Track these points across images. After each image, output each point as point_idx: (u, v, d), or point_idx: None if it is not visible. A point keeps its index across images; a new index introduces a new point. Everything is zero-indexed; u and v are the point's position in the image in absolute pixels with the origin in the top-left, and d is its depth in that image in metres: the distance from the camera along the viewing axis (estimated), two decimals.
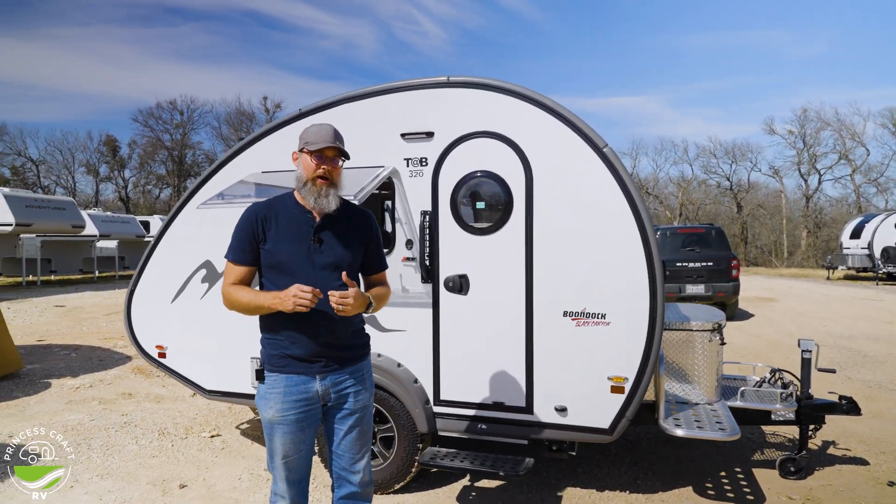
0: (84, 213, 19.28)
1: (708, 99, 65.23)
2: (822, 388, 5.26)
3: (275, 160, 3.90)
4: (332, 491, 2.52)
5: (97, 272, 19.95)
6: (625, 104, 65.61)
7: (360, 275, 2.47)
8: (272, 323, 2.31)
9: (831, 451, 4.41)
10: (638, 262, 3.19)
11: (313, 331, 2.28)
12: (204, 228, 4.04)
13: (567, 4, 69.54)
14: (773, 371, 4.11)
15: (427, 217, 3.56)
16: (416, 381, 3.63)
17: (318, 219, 2.33)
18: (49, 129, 76.24)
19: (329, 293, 2.17)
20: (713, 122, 64.38)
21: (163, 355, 4.25)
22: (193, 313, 4.10)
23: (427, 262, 3.56)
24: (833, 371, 4.27)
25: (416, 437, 3.59)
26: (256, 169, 3.95)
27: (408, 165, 3.62)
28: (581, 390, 3.33)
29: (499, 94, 3.43)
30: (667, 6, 65.89)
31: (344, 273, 2.27)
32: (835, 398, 3.90)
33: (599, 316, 3.28)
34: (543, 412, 3.40)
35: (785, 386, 3.92)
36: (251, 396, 3.96)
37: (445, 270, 3.55)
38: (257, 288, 2.35)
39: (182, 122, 45.65)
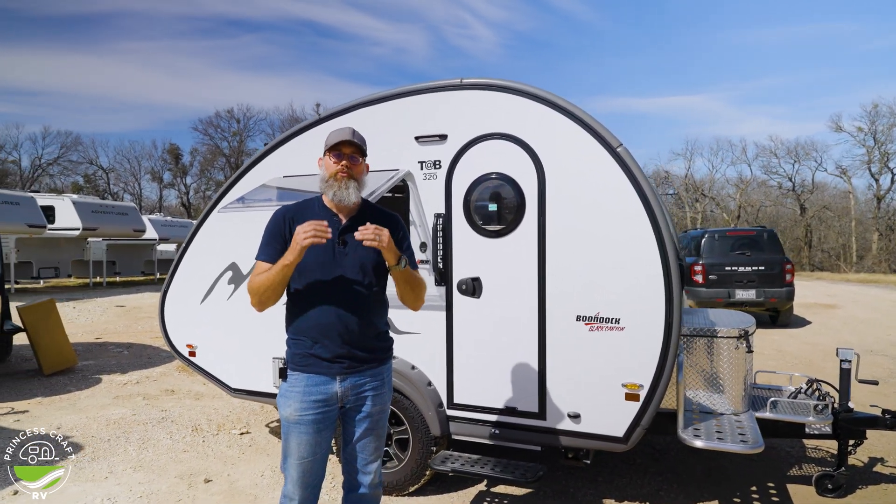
0: (145, 218, 20.30)
1: (772, 96, 62.45)
2: (876, 401, 4.93)
3: (296, 164, 3.99)
4: (343, 490, 2.55)
5: (157, 274, 20.93)
6: (682, 103, 63.68)
7: (389, 276, 2.44)
8: (297, 323, 2.35)
9: (878, 468, 4.12)
10: (652, 265, 3.08)
11: (337, 331, 2.31)
12: (229, 232, 4.18)
13: (621, 2, 68.21)
14: (811, 381, 3.88)
15: (440, 220, 3.56)
16: (429, 383, 3.63)
17: (343, 221, 2.37)
18: (118, 138, 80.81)
19: (360, 228, 2.17)
20: (778, 120, 61.50)
21: (193, 354, 4.42)
22: (220, 314, 4.24)
23: (440, 265, 3.56)
24: (875, 383, 3.98)
25: (430, 439, 3.59)
26: (279, 173, 4.06)
27: (422, 168, 3.63)
28: (595, 397, 3.24)
29: (510, 95, 3.40)
30: (727, 1, 63.49)
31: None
32: (878, 412, 3.64)
33: (613, 321, 3.18)
34: (557, 419, 3.33)
35: (821, 397, 3.69)
36: (273, 395, 4.06)
37: (458, 273, 3.53)
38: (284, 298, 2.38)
39: (238, 129, 47.44)
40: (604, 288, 3.20)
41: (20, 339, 7.42)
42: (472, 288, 3.48)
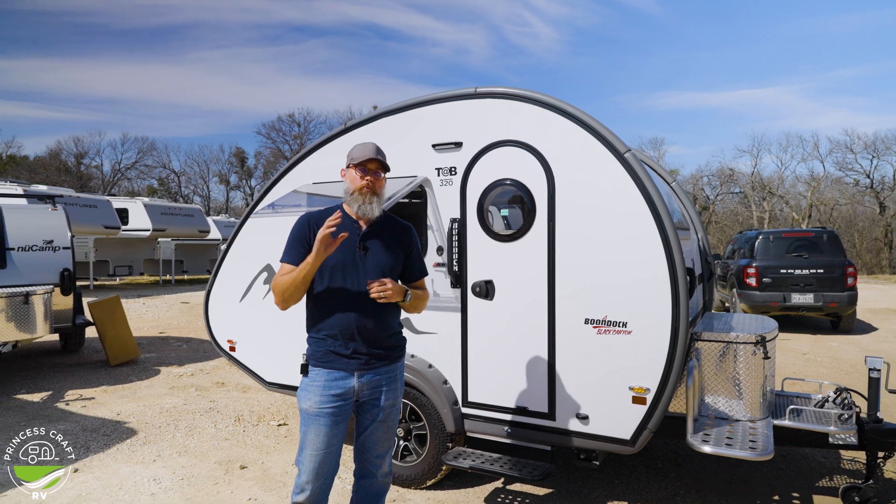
0: (209, 219, 21.41)
1: (851, 87, 58.47)
2: None
3: (325, 171, 4.23)
4: (353, 476, 2.74)
5: None
6: (752, 97, 60.72)
7: (399, 281, 2.66)
8: (319, 322, 2.53)
9: None
10: (658, 269, 3.10)
11: (356, 330, 2.49)
12: (264, 235, 4.46)
13: None
14: (839, 390, 3.75)
15: (455, 224, 3.69)
16: (445, 381, 3.76)
17: (364, 228, 2.57)
18: (189, 143, 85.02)
19: (367, 283, 2.43)
20: (857, 113, 57.57)
21: (233, 349, 4.74)
22: (257, 312, 4.53)
23: (455, 268, 3.69)
24: None
25: (446, 436, 3.72)
26: (309, 180, 4.30)
27: (438, 175, 3.77)
28: (602, 399, 3.29)
29: (521, 103, 3.49)
30: None
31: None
32: None
33: (621, 324, 3.22)
34: (565, 419, 3.39)
35: (846, 407, 3.57)
36: None
37: (473, 276, 3.65)
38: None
39: (300, 133, 49.03)
40: (611, 292, 3.24)
41: (92, 331, 8.09)
42: (485, 290, 3.59)
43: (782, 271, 10.16)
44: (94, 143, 55.49)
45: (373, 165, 2.55)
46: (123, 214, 17.78)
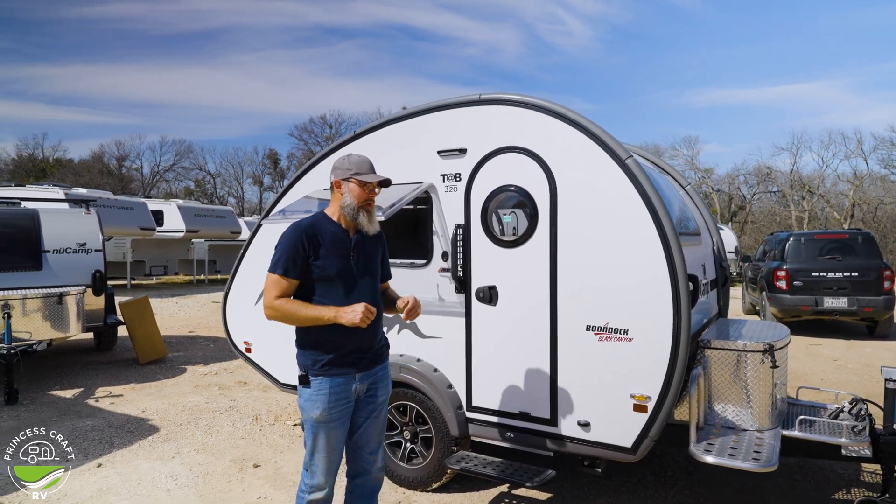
0: (241, 220, 21.90)
1: None
2: None
3: None
4: (346, 477, 2.82)
5: None
6: (793, 92, 58.86)
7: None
8: (316, 333, 2.56)
9: None
10: (660, 276, 3.07)
11: (353, 337, 2.59)
12: (275, 241, 4.56)
13: None
14: (854, 400, 3.64)
15: (460, 230, 3.72)
16: (450, 386, 3.80)
17: (353, 236, 2.66)
18: (224, 145, 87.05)
19: (400, 309, 2.70)
20: None
21: (249, 350, 4.87)
22: None
23: (460, 273, 3.72)
24: None
25: (451, 439, 3.76)
26: (319, 186, 4.39)
27: (444, 181, 3.81)
28: (603, 406, 3.28)
29: (524, 110, 3.50)
30: None
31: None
32: None
33: (622, 331, 3.20)
34: (567, 426, 3.39)
35: (860, 418, 3.47)
36: None
37: (477, 281, 3.68)
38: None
39: (331, 135, 49.70)
40: (612, 298, 3.22)
41: (124, 330, 8.39)
42: (489, 296, 3.61)
43: (814, 274, 9.86)
44: (135, 146, 57.34)
45: (379, 187, 2.70)
46: (158, 216, 18.34)
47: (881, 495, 3.41)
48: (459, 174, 3.75)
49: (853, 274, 9.69)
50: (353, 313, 2.43)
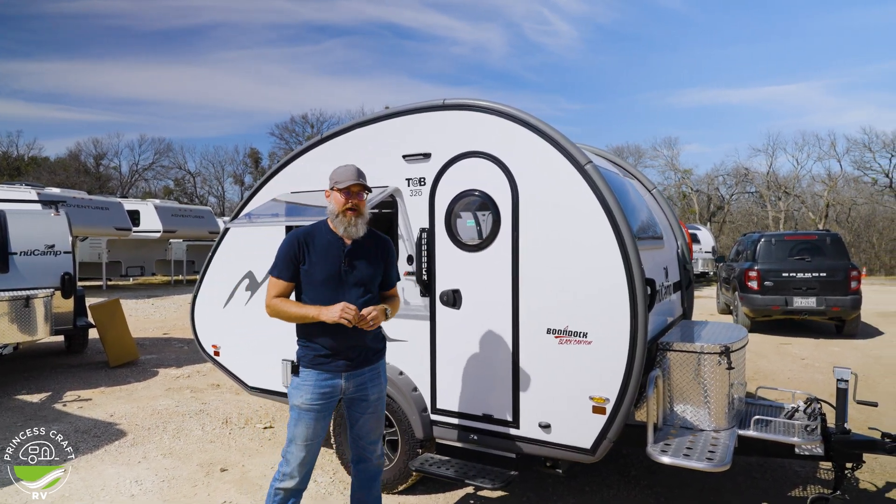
0: (219, 221, 21.68)
1: (879, 82, 56.74)
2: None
3: (302, 181, 4.31)
4: (351, 463, 3.06)
5: None
6: (778, 94, 59.70)
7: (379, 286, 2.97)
8: (308, 330, 2.79)
9: (893, 494, 3.91)
10: (617, 281, 3.13)
11: (341, 336, 2.75)
12: (243, 244, 4.56)
13: None
14: (809, 400, 3.74)
15: (424, 234, 3.74)
16: (415, 389, 3.82)
17: (348, 244, 2.81)
18: (204, 143, 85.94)
19: (361, 313, 2.68)
20: (886, 109, 55.95)
21: (217, 353, 4.84)
22: (239, 318, 4.63)
23: (425, 277, 3.74)
24: (874, 404, 3.77)
25: (416, 442, 3.78)
26: (287, 189, 4.38)
27: (409, 185, 3.83)
28: (564, 409, 3.32)
29: (487, 115, 3.53)
30: None
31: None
32: (877, 435, 3.47)
33: (581, 335, 3.25)
34: (529, 428, 3.43)
35: (813, 417, 3.56)
36: (283, 394, 4.40)
37: (441, 285, 3.71)
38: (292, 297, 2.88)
39: (312, 134, 49.37)
40: (572, 302, 3.27)
41: (96, 333, 8.28)
42: (453, 299, 3.64)
43: (784, 275, 10.06)
44: (113, 144, 56.41)
45: (355, 188, 2.79)
46: (135, 216, 18.11)
47: (833, 492, 3.51)
48: (424, 178, 3.77)
49: (821, 274, 9.90)
50: (332, 311, 2.65)
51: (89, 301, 8.26)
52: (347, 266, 2.79)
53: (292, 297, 2.87)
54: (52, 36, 62.51)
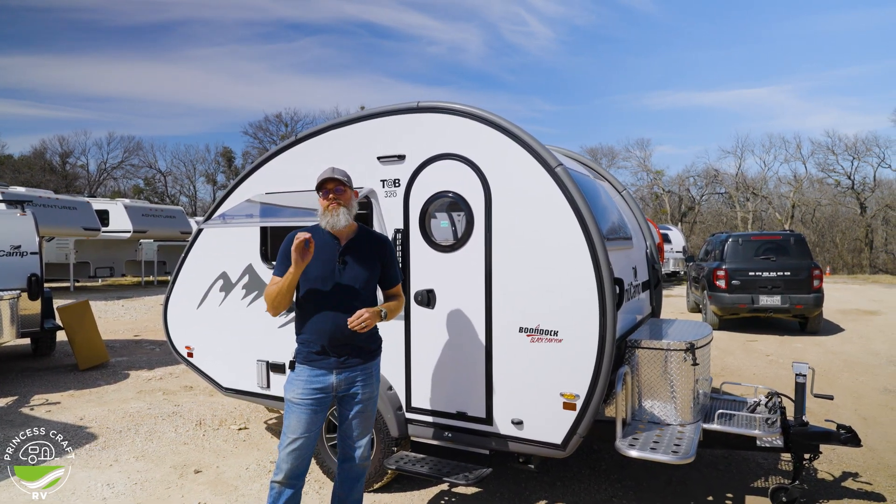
0: (191, 221, 21.38)
1: (845, 86, 58.74)
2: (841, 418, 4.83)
3: (276, 182, 4.31)
4: (338, 461, 3.10)
5: None
6: (749, 97, 61.17)
7: (377, 287, 3.05)
8: (303, 326, 2.90)
9: (848, 483, 4.09)
10: (586, 280, 3.22)
11: (334, 334, 2.83)
12: (217, 244, 4.54)
13: None
14: (770, 394, 3.89)
15: (399, 234, 3.79)
16: (390, 388, 3.87)
17: (343, 243, 2.91)
18: (175, 142, 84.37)
19: (348, 321, 2.74)
20: (851, 112, 57.88)
21: (191, 355, 4.82)
22: (213, 318, 4.61)
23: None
24: (830, 397, 3.95)
25: (391, 440, 3.82)
26: (261, 190, 4.38)
27: (383, 186, 3.87)
28: (535, 405, 3.40)
29: (460, 118, 3.59)
30: None
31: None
32: (832, 427, 3.64)
33: (552, 333, 3.34)
34: (501, 424, 3.51)
35: (773, 411, 3.71)
36: (258, 395, 4.40)
37: (415, 285, 3.76)
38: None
39: (286, 133, 48.93)
40: (543, 301, 3.35)
41: (64, 336, 8.12)
42: (427, 299, 3.69)
43: (751, 274, 10.35)
44: (80, 142, 54.93)
45: (331, 185, 2.87)
46: (104, 216, 17.74)
47: (792, 482, 3.66)
48: (399, 180, 3.82)
49: (786, 273, 10.22)
50: (293, 251, 2.70)
51: (57, 303, 8.09)
52: (341, 265, 2.87)
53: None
54: (16, 29, 60.74)
